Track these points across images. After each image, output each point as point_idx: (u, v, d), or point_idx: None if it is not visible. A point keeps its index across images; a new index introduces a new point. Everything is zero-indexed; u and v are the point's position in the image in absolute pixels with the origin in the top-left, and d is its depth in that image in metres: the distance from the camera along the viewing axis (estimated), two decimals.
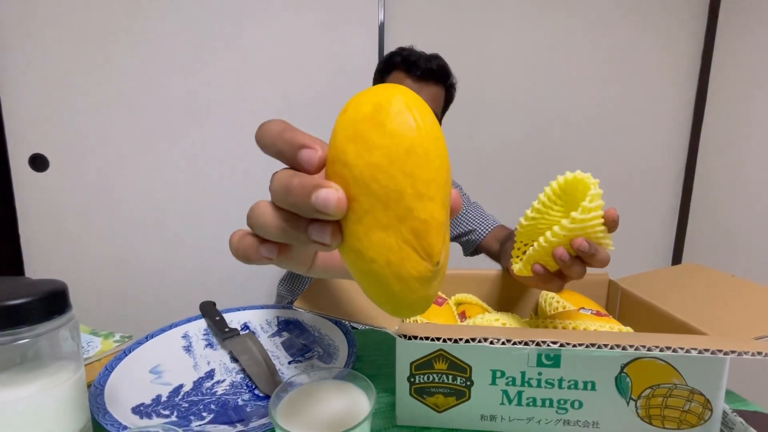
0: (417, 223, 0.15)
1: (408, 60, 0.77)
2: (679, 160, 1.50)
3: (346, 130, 0.15)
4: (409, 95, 0.16)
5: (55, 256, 1.22)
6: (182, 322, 0.54)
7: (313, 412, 0.30)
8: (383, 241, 0.16)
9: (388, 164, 0.15)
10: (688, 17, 1.42)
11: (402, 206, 0.15)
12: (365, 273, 0.17)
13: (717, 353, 0.28)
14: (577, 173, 0.35)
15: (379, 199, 0.15)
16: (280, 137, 0.17)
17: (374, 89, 0.16)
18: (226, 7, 1.21)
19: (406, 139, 0.15)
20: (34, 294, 0.27)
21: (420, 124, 0.15)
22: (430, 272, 0.16)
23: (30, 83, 1.14)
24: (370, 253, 0.16)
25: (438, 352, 0.36)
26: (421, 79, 0.76)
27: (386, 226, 0.15)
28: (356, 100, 0.16)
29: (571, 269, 0.36)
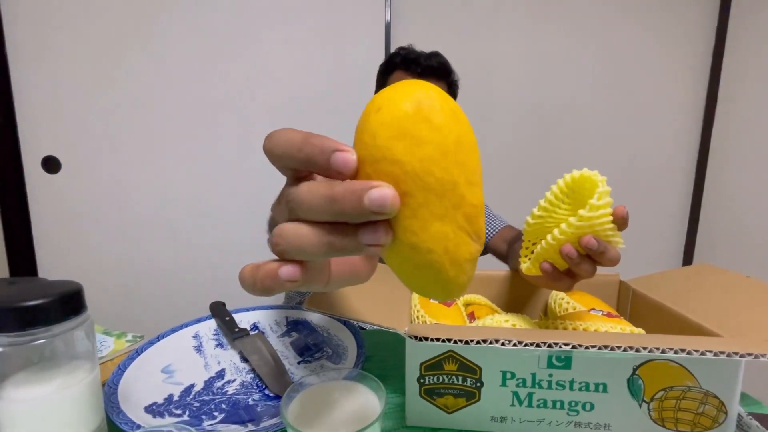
0: (470, 208, 0.17)
1: (407, 58, 0.78)
2: (690, 158, 1.48)
3: (389, 129, 0.15)
4: (439, 90, 0.16)
5: (68, 256, 1.24)
6: (192, 323, 0.54)
7: (324, 412, 0.30)
8: (440, 230, 0.16)
9: (441, 157, 0.15)
10: (699, 14, 1.39)
11: (457, 195, 0.16)
12: (420, 265, 0.17)
13: (733, 356, 0.28)
14: (584, 171, 0.35)
15: (434, 191, 0.16)
16: (308, 143, 0.16)
17: (402, 87, 0.16)
18: (235, 10, 1.22)
19: (453, 131, 0.16)
20: (50, 295, 0.27)
21: (460, 116, 0.16)
22: (479, 252, 0.18)
23: (42, 87, 1.16)
24: (428, 244, 0.16)
25: (448, 353, 0.36)
26: (422, 76, 0.77)
27: (443, 216, 0.16)
28: (390, 99, 0.16)
29: (580, 267, 0.35)
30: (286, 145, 0.17)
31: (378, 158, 0.16)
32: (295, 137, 0.17)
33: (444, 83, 0.80)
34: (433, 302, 0.50)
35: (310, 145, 0.16)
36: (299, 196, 0.16)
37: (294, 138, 0.17)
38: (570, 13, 1.36)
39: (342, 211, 0.15)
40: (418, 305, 0.50)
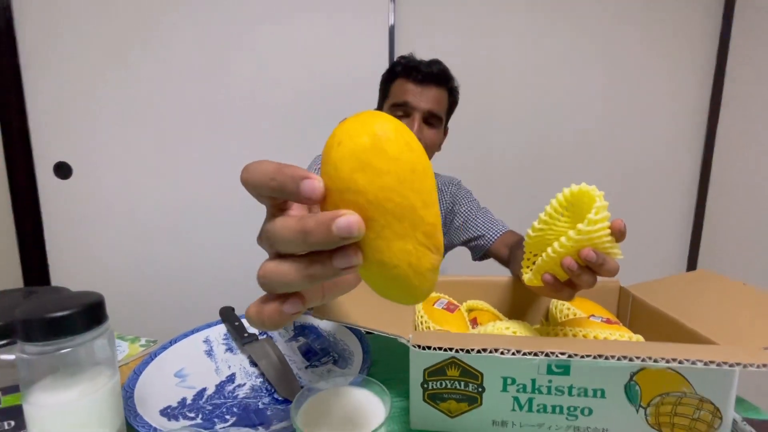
0: (427, 227, 0.19)
1: (408, 66, 0.80)
2: (693, 163, 1.48)
3: (350, 162, 0.17)
4: (392, 120, 0.18)
5: (79, 260, 1.26)
6: (203, 327, 0.56)
7: (332, 417, 0.32)
8: (403, 248, 0.18)
9: (398, 185, 0.17)
10: (702, 17, 1.39)
11: (415, 216, 0.18)
12: (388, 278, 0.19)
13: (722, 365, 0.29)
14: (582, 185, 0.36)
15: (394, 215, 0.18)
16: (281, 172, 0.18)
17: (357, 119, 0.18)
18: (240, 15, 1.24)
19: (408, 161, 0.18)
20: (75, 306, 0.29)
21: (413, 146, 0.18)
22: (439, 262, 0.20)
23: (54, 94, 1.19)
24: (393, 261, 0.18)
25: (450, 359, 0.37)
26: (423, 83, 0.79)
27: (403, 236, 0.18)
28: (347, 133, 0.18)
29: (581, 278, 0.37)
30: (260, 175, 0.18)
31: (342, 189, 0.17)
32: (269, 168, 0.18)
33: (444, 89, 0.81)
34: (436, 308, 0.52)
35: (281, 174, 0.18)
36: (275, 232, 0.18)
37: (267, 168, 0.18)
38: (573, 17, 1.36)
39: (315, 242, 0.17)
40: (421, 311, 0.51)
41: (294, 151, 1.31)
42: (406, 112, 0.79)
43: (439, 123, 0.82)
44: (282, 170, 0.18)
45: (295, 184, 0.17)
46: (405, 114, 0.79)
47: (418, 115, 0.78)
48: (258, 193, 0.19)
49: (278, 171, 0.18)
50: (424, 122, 0.79)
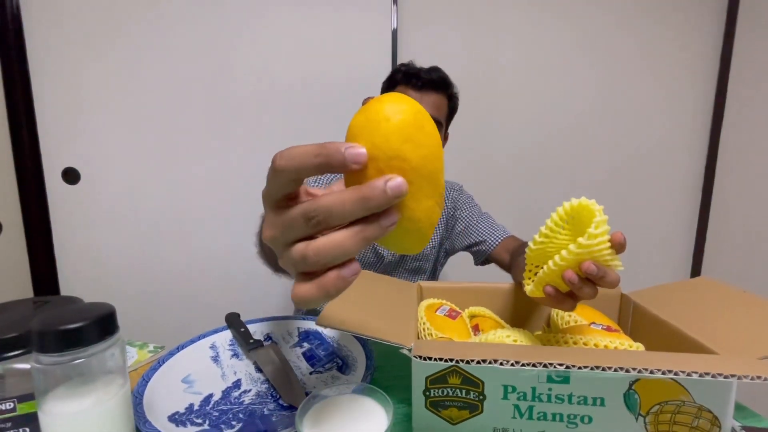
0: (441, 189, 0.24)
1: (408, 73, 0.81)
2: (697, 166, 1.47)
3: (399, 134, 0.21)
4: (417, 103, 0.23)
5: (87, 265, 1.28)
6: (209, 333, 0.57)
7: (336, 425, 0.33)
8: (427, 205, 0.23)
9: (431, 155, 0.22)
10: (706, 18, 1.39)
11: (438, 181, 0.23)
12: (411, 231, 0.23)
13: (718, 377, 0.30)
14: (582, 199, 0.36)
15: (427, 179, 0.22)
16: (324, 147, 0.19)
17: (395, 99, 0.22)
18: (245, 18, 1.25)
19: (436, 137, 0.23)
20: (88, 318, 0.30)
21: (434, 125, 0.23)
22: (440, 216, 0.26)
23: (62, 100, 1.20)
24: (421, 216, 0.23)
25: (452, 367, 0.38)
26: (422, 89, 0.80)
27: (430, 196, 0.23)
28: (392, 110, 0.21)
29: (582, 291, 0.37)
30: (303, 156, 0.20)
31: (391, 157, 0.21)
32: (309, 147, 0.20)
33: (444, 96, 0.82)
34: (438, 315, 0.52)
35: (325, 149, 0.19)
36: (332, 208, 0.20)
37: (308, 149, 0.20)
38: (576, 19, 1.36)
39: (374, 205, 0.19)
40: (424, 318, 0.52)
41: None
42: None
43: (440, 128, 0.83)
44: (324, 145, 0.19)
45: (340, 154, 0.19)
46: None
47: None
48: (297, 175, 0.20)
49: (321, 147, 0.19)
50: None
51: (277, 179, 0.21)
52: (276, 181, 0.21)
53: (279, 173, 0.20)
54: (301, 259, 0.21)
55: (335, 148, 0.19)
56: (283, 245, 0.22)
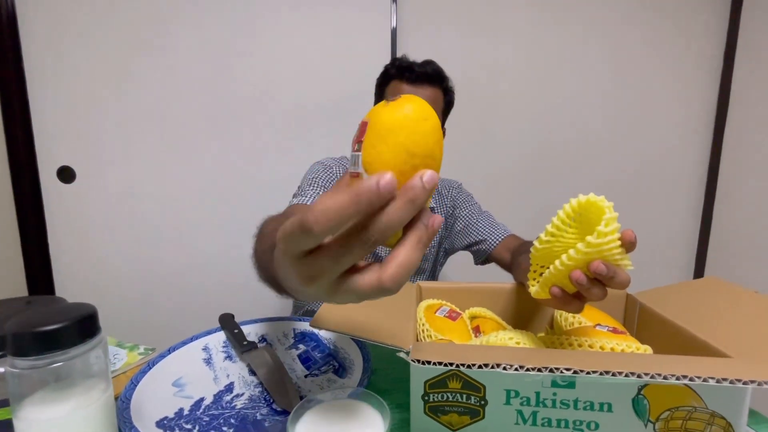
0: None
1: (402, 67, 0.79)
2: (701, 166, 1.46)
3: (434, 136, 0.23)
4: None
5: (81, 264, 1.27)
6: (202, 335, 0.55)
7: (330, 431, 0.31)
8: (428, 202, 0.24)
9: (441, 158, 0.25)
10: (709, 18, 1.37)
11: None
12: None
13: (736, 383, 0.28)
14: (591, 196, 0.35)
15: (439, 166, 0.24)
16: (358, 197, 0.18)
17: (421, 100, 0.23)
18: (243, 19, 1.24)
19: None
20: (66, 319, 0.28)
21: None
22: None
23: (57, 98, 1.19)
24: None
25: (452, 371, 0.36)
26: (417, 82, 0.78)
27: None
28: (429, 111, 0.23)
29: (590, 292, 0.36)
30: (341, 214, 0.18)
31: (426, 155, 0.23)
32: (341, 201, 0.18)
33: (439, 89, 0.81)
34: (438, 316, 0.51)
35: (358, 197, 0.18)
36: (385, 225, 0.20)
37: (341, 202, 0.18)
38: (577, 17, 1.35)
39: (419, 204, 0.20)
40: (423, 319, 0.50)
41: (298, 154, 1.31)
42: None
43: None
44: (357, 194, 0.18)
45: (376, 195, 0.19)
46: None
47: None
48: (337, 231, 0.20)
49: (354, 197, 0.18)
50: None
51: (312, 239, 0.19)
52: (309, 240, 0.20)
53: (316, 235, 0.19)
54: (377, 291, 0.21)
55: (368, 192, 0.18)
56: (330, 284, 0.21)
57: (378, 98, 0.86)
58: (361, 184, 0.18)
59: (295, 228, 0.19)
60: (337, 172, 0.83)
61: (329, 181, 0.80)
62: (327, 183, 0.80)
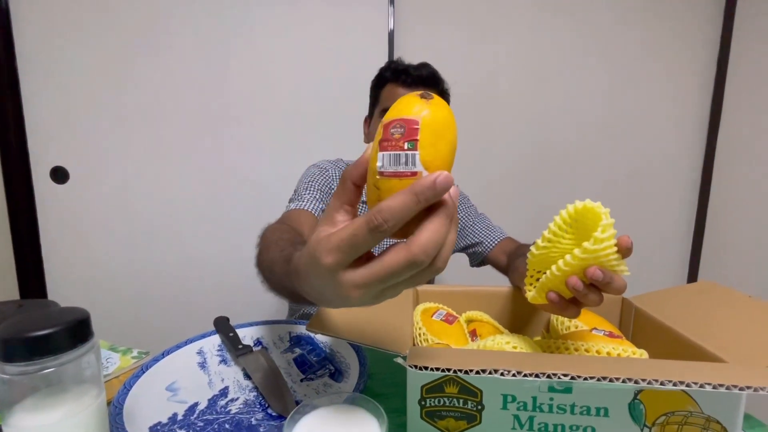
0: None
1: (397, 70, 0.80)
2: (694, 169, 1.47)
3: (455, 132, 0.24)
4: None
5: (74, 266, 1.25)
6: (197, 338, 0.55)
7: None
8: None
9: None
10: (703, 25, 1.39)
11: None
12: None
13: (732, 389, 0.28)
14: (587, 202, 0.35)
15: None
16: (418, 194, 0.21)
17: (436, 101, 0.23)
18: (240, 21, 1.23)
19: None
20: (58, 324, 0.28)
21: None
22: None
23: (51, 98, 1.18)
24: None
25: (448, 376, 0.36)
26: (412, 86, 0.79)
27: None
28: (449, 113, 0.24)
29: (587, 298, 0.36)
30: (404, 209, 0.21)
31: (452, 150, 0.24)
32: (404, 199, 0.21)
33: (435, 91, 0.81)
34: (435, 320, 0.51)
35: (419, 194, 0.21)
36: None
37: (404, 200, 0.21)
38: (574, 21, 1.36)
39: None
40: (420, 323, 0.50)
41: (294, 156, 1.30)
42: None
43: None
44: (415, 192, 0.21)
45: (434, 190, 0.21)
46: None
47: None
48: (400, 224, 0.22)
49: (414, 194, 0.21)
50: None
51: (379, 237, 0.21)
52: (378, 240, 0.22)
53: (384, 233, 0.21)
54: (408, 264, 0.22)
55: (428, 188, 0.21)
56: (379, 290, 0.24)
57: (373, 101, 0.86)
58: (419, 188, 0.21)
59: (361, 230, 0.21)
60: (333, 174, 0.82)
61: (325, 184, 0.80)
62: (323, 186, 0.79)
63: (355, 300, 0.23)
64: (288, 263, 0.36)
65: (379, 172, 0.23)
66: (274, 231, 0.53)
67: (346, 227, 0.22)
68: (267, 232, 0.53)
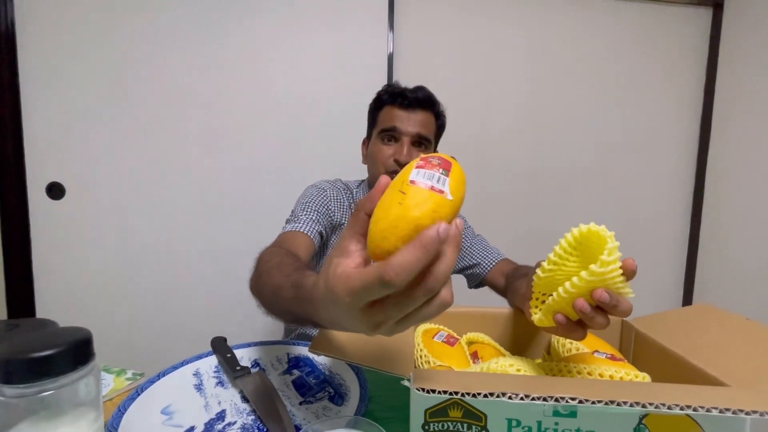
0: None
1: (394, 93, 0.81)
2: (686, 192, 1.51)
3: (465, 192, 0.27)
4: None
5: (66, 284, 1.23)
6: (193, 359, 0.54)
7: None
8: None
9: None
10: (689, 54, 1.45)
11: None
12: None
13: (738, 413, 0.28)
14: (591, 226, 0.35)
15: None
16: (425, 247, 0.22)
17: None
18: (240, 41, 1.26)
19: None
20: (59, 345, 0.27)
21: None
22: None
23: (51, 114, 1.18)
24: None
25: (453, 400, 0.35)
26: (409, 108, 0.80)
27: None
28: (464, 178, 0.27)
29: (594, 321, 0.36)
30: (414, 263, 0.22)
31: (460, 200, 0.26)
32: (413, 253, 0.22)
33: (431, 113, 0.83)
34: (436, 342, 0.50)
35: (426, 247, 0.22)
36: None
37: (413, 254, 0.22)
38: (568, 48, 1.41)
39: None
40: (421, 344, 0.49)
41: (292, 175, 1.31)
42: (394, 137, 0.80)
43: (429, 145, 0.83)
44: (424, 245, 0.22)
45: (438, 243, 0.22)
46: (394, 139, 0.80)
47: (407, 139, 0.79)
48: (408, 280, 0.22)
49: (422, 247, 0.22)
50: (413, 145, 0.80)
51: (387, 289, 0.22)
52: (385, 290, 0.22)
53: (392, 285, 0.22)
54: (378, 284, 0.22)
55: (433, 241, 0.22)
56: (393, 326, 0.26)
57: (371, 123, 0.87)
58: (426, 241, 0.21)
59: (374, 283, 0.22)
60: (331, 195, 0.83)
61: (323, 204, 0.80)
62: (320, 206, 0.79)
63: (371, 332, 0.26)
64: (298, 289, 0.36)
65: (410, 181, 0.25)
66: (273, 255, 0.52)
67: (362, 275, 0.23)
68: (264, 256, 0.53)
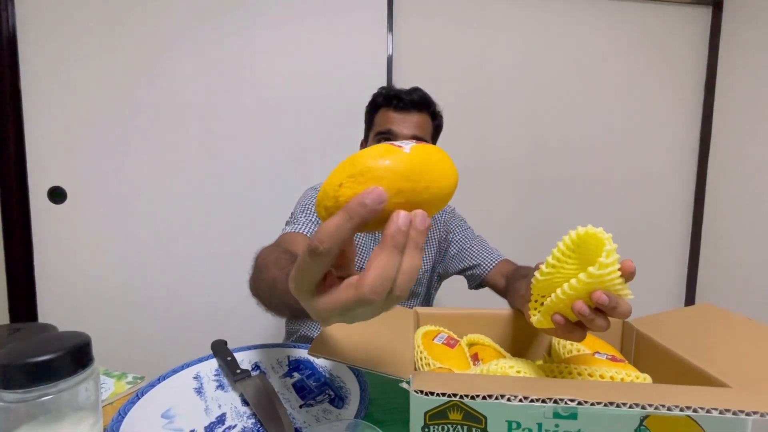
0: None
1: (389, 95, 0.82)
2: (687, 191, 1.50)
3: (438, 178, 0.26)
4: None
5: (68, 287, 1.23)
6: (194, 363, 0.54)
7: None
8: None
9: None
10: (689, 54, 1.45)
11: None
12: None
13: (739, 414, 0.28)
14: (589, 228, 0.35)
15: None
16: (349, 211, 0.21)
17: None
18: (240, 46, 1.26)
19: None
20: (59, 350, 0.27)
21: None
22: None
23: (52, 119, 1.19)
24: None
25: (452, 402, 0.35)
26: (405, 110, 0.80)
27: None
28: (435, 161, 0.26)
29: (593, 323, 0.36)
30: (339, 229, 0.21)
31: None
32: (337, 220, 0.21)
33: (427, 114, 0.83)
34: (436, 344, 0.50)
35: (350, 211, 0.21)
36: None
37: (337, 221, 0.21)
38: (568, 47, 1.41)
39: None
40: (421, 346, 0.49)
41: (292, 178, 1.31)
42: (390, 139, 0.80)
43: None
44: (346, 209, 0.21)
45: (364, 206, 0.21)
46: (390, 141, 0.80)
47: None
48: (340, 248, 0.21)
49: (346, 211, 0.21)
50: None
51: (322, 262, 0.21)
52: (321, 264, 0.22)
53: (324, 255, 0.21)
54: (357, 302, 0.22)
55: (359, 205, 0.21)
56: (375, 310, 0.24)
57: (368, 125, 0.87)
58: (351, 207, 0.21)
59: (304, 254, 0.21)
60: None
61: None
62: None
63: (325, 322, 0.24)
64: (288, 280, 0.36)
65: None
66: (271, 252, 0.53)
67: (302, 252, 0.22)
68: (263, 254, 0.53)
